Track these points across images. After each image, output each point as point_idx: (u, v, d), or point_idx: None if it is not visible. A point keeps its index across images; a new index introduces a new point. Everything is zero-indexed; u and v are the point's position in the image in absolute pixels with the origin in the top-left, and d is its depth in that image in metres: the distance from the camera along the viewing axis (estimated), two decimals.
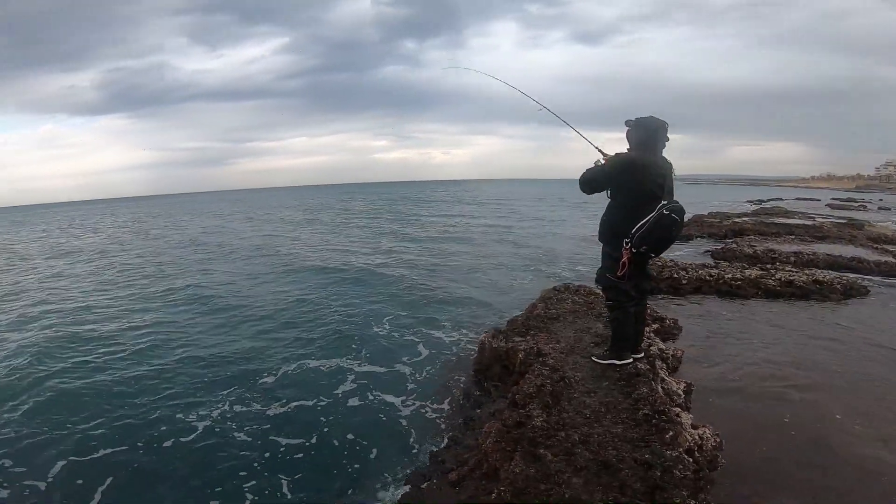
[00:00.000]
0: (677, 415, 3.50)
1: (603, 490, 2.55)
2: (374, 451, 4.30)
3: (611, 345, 4.07)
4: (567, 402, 3.50)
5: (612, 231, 3.78)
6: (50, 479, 4.03)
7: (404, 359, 6.20)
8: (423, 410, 4.86)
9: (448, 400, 4.93)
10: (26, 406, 5.18)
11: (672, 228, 3.58)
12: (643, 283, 4.01)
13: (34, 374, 6.00)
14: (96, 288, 11.46)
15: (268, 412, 5.01)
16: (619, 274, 3.72)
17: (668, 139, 3.73)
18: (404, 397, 5.16)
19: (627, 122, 3.82)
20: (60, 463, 4.21)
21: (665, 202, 3.59)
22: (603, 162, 3.78)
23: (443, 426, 4.49)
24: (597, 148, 3.98)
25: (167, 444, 4.49)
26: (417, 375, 5.67)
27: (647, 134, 3.70)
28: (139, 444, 4.47)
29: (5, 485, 3.98)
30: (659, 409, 3.34)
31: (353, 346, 6.78)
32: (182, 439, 4.54)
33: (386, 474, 3.98)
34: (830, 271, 9.02)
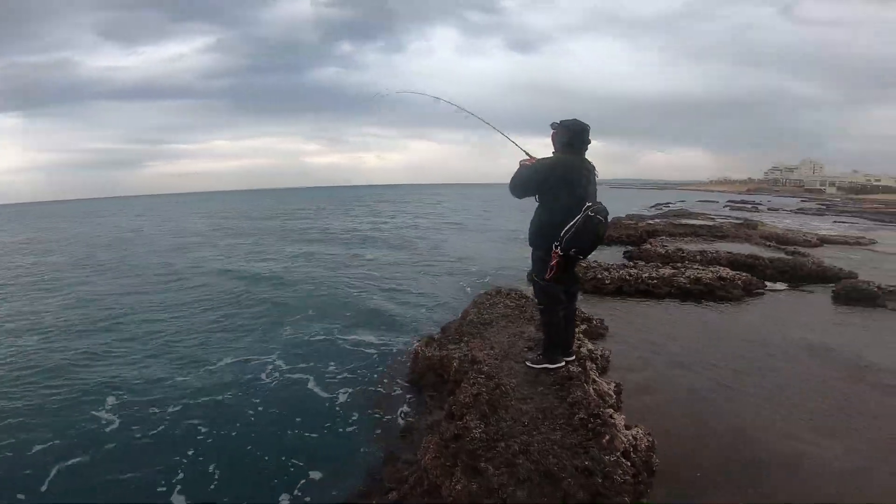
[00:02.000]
0: (611, 416, 3.58)
1: (547, 501, 2.52)
2: (308, 471, 4.02)
3: (543, 349, 4.10)
4: (504, 411, 3.47)
5: (540, 234, 3.81)
6: None
7: (336, 369, 5.92)
8: (358, 424, 4.63)
9: (383, 411, 4.75)
10: None
11: (598, 230, 3.66)
12: (572, 286, 4.09)
13: None
14: None
15: (177, 430, 4.57)
16: (547, 276, 3.76)
17: (590, 141, 3.82)
18: (338, 409, 4.90)
19: (553, 125, 3.87)
20: None
21: (590, 204, 3.65)
22: (528, 163, 3.81)
23: (379, 440, 4.30)
24: (522, 150, 3.99)
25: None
26: (350, 387, 5.39)
27: (572, 136, 3.77)
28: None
29: None
30: (593, 412, 3.39)
31: (280, 358, 6.38)
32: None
33: (321, 496, 3.73)
34: (729, 269, 9.87)
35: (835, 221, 27.94)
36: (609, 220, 3.76)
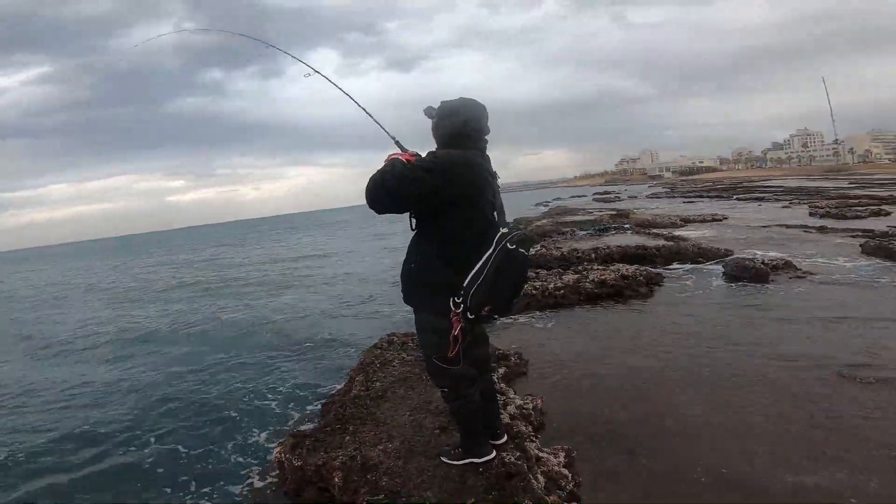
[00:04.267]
0: None
1: None
2: None
3: (462, 440, 2.82)
4: None
5: (428, 287, 2.45)
6: None
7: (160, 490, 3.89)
8: None
9: None
10: None
11: (522, 270, 2.41)
12: (481, 351, 2.81)
13: None
14: None
15: None
16: (450, 354, 2.42)
17: (489, 131, 2.57)
18: None
19: (430, 111, 2.57)
20: None
21: (504, 230, 2.38)
22: (403, 158, 2.38)
23: None
24: (392, 137, 2.63)
25: None
26: None
27: (468, 123, 2.49)
28: None
29: None
30: None
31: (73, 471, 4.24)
32: None
33: None
34: (628, 266, 9.65)
35: (684, 202, 30.99)
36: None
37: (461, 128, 2.47)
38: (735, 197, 30.40)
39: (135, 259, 38.70)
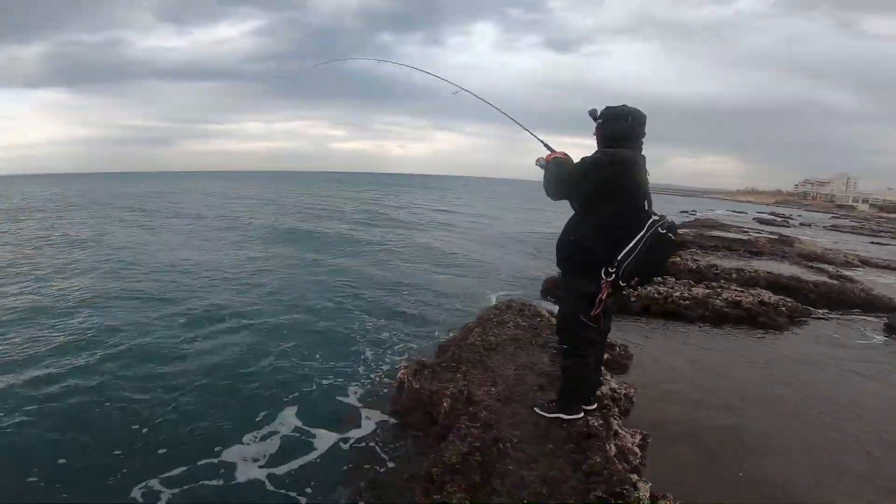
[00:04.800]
0: (635, 487, 2.78)
1: None
2: None
3: (559, 396, 3.28)
4: (500, 480, 2.68)
5: (584, 258, 2.91)
6: None
7: (307, 389, 4.93)
8: (321, 462, 3.75)
9: (357, 448, 3.91)
10: None
11: (668, 252, 2.86)
12: (607, 324, 3.24)
13: None
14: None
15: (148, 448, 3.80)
16: (594, 313, 2.91)
17: (645, 135, 2.96)
18: (303, 439, 4.03)
19: (594, 113, 2.97)
20: None
21: (656, 217, 2.80)
22: (548, 160, 2.99)
23: (344, 488, 3.50)
24: (542, 142, 3.16)
25: None
26: (322, 410, 4.45)
27: (632, 125, 2.89)
28: None
29: None
30: (615, 489, 2.60)
31: (241, 368, 5.40)
32: None
33: None
34: (770, 293, 8.93)
35: (872, 242, 26.31)
36: None
37: (628, 130, 2.90)
38: None
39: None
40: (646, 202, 2.89)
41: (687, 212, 39.89)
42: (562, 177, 2.91)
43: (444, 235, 18.09)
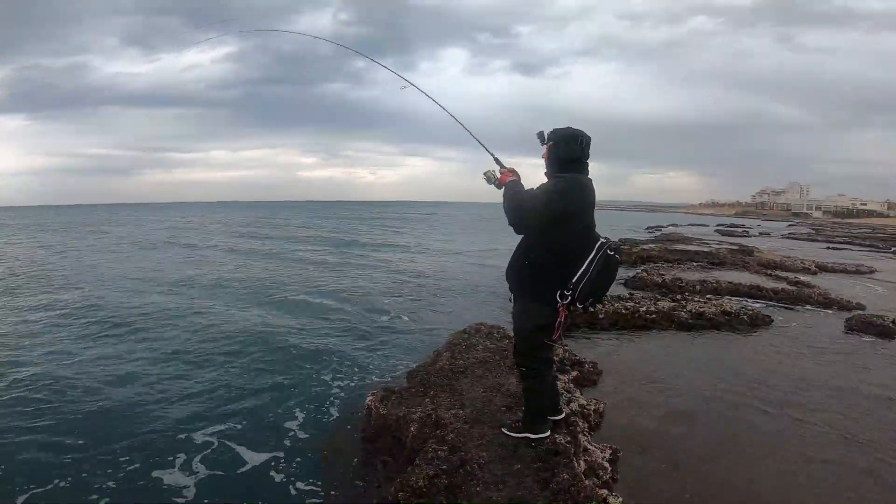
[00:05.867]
0: (605, 500, 2.79)
1: None
2: None
3: (524, 416, 3.29)
4: (466, 501, 2.65)
5: (540, 282, 2.93)
6: None
7: (274, 415, 4.83)
8: (289, 488, 3.67)
9: (326, 474, 3.79)
10: None
11: (615, 272, 2.96)
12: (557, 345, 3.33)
13: None
14: None
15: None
16: (555, 337, 3.02)
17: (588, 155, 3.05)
18: (271, 471, 3.87)
19: (542, 135, 3.04)
20: None
21: (603, 239, 2.92)
22: (509, 177, 3.07)
23: None
24: (490, 153, 3.26)
25: None
26: (290, 439, 4.34)
27: (580, 148, 2.97)
28: None
29: None
30: None
31: (209, 391, 5.38)
32: None
33: None
34: (733, 298, 9.21)
35: (828, 247, 27.48)
36: None
37: (579, 153, 2.98)
38: (894, 249, 26.33)
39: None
40: (593, 224, 3.01)
41: (652, 227, 41.04)
42: (522, 206, 2.91)
43: (409, 260, 18.07)
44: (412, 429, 3.52)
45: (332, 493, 3.58)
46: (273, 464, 4.00)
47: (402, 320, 8.87)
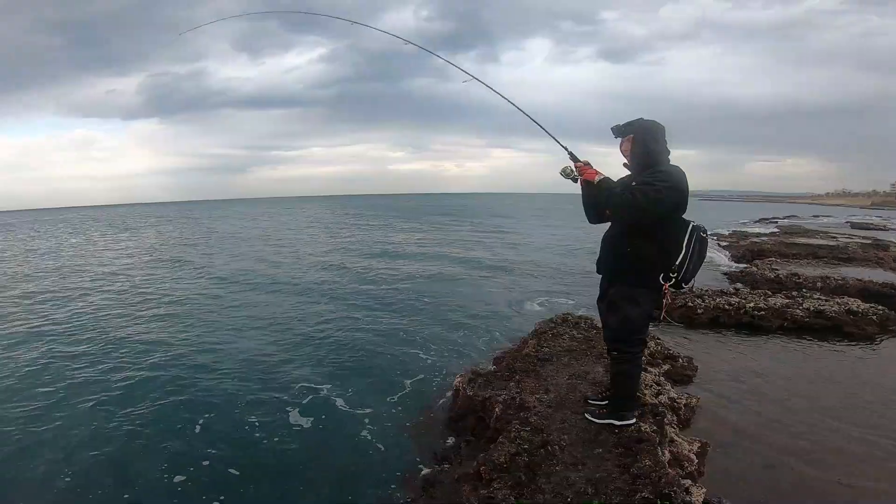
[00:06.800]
0: (687, 491, 2.74)
1: None
2: None
3: (610, 402, 3.32)
4: (545, 479, 2.76)
5: (643, 267, 3.01)
6: None
7: (370, 401, 5.11)
8: (378, 458, 4.02)
9: (413, 449, 4.10)
10: None
11: (706, 252, 3.04)
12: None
13: None
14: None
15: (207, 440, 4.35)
16: (663, 317, 3.22)
17: None
18: (358, 441, 4.31)
19: (619, 130, 3.09)
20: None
21: (694, 223, 2.99)
22: (590, 173, 3.10)
23: (399, 485, 3.67)
24: (564, 147, 3.26)
25: None
26: (381, 415, 4.72)
27: (661, 141, 3.04)
28: None
29: None
30: (663, 490, 2.59)
31: (319, 369, 5.99)
32: None
33: None
34: (860, 301, 8.20)
35: None
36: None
37: (661, 148, 3.02)
38: None
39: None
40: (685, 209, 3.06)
41: (767, 219, 37.12)
42: (634, 203, 2.89)
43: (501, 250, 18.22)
44: (497, 410, 3.68)
45: (419, 463, 3.86)
46: (367, 432, 4.42)
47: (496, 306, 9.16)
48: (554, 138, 3.41)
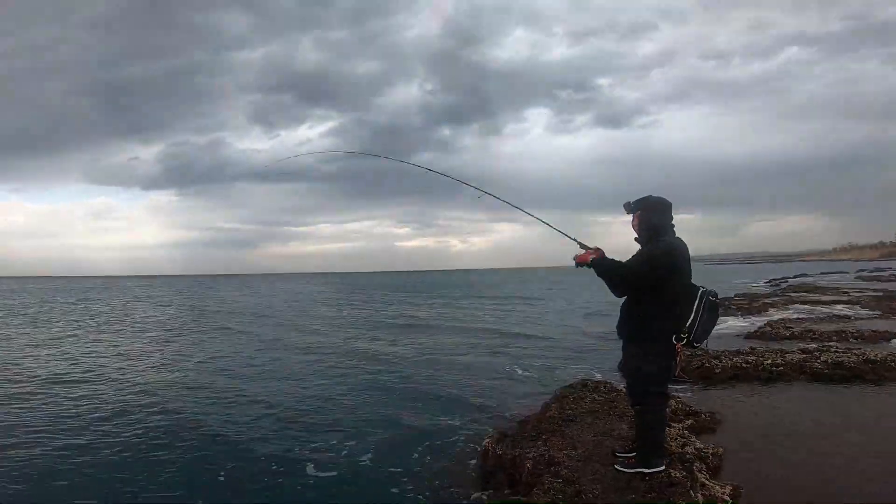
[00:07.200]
0: None
1: None
2: None
3: (639, 452, 3.46)
4: None
5: (654, 326, 3.29)
6: None
7: (396, 459, 5.22)
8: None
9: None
10: None
11: (717, 314, 3.35)
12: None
13: None
14: None
15: None
16: (676, 374, 3.46)
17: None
18: (385, 497, 4.37)
19: (631, 206, 3.52)
20: None
21: (702, 288, 3.32)
22: (593, 255, 3.40)
23: None
24: (573, 239, 3.61)
25: None
26: (406, 482, 4.65)
27: (666, 215, 3.45)
28: None
29: None
30: None
31: (336, 436, 6.01)
32: None
33: None
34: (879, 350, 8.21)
35: None
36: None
37: (666, 222, 3.44)
38: None
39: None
40: (691, 277, 3.42)
41: (776, 279, 36.93)
42: (633, 272, 3.30)
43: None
44: (528, 465, 3.78)
45: None
46: (397, 489, 4.55)
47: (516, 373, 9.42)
48: (563, 233, 3.78)
